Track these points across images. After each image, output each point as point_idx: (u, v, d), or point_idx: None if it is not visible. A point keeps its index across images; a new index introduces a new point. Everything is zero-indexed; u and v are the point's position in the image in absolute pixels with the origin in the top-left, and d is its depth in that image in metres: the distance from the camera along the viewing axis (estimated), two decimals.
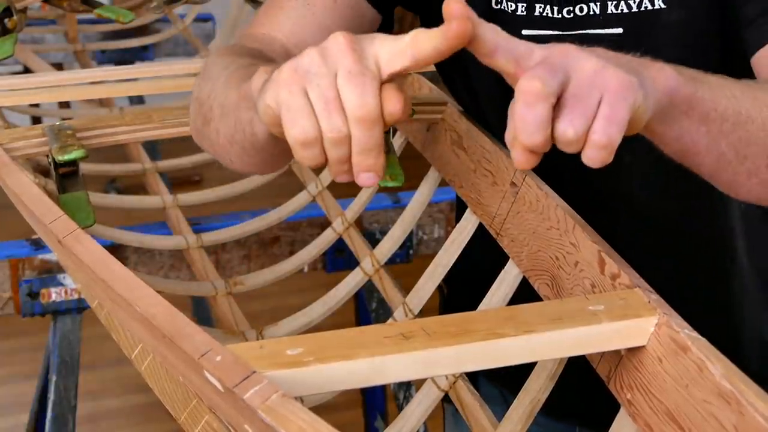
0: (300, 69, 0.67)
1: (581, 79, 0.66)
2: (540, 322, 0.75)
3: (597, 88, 0.65)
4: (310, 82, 0.67)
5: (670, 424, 0.73)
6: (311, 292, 1.43)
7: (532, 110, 0.64)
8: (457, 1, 0.63)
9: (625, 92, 0.66)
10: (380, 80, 0.66)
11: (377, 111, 0.66)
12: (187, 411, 0.77)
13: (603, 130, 0.65)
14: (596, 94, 0.65)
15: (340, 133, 0.67)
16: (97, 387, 2.71)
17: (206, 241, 1.57)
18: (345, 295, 1.34)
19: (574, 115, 0.65)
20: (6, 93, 1.38)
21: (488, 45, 0.67)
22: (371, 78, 0.66)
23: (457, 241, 1.13)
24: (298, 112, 0.67)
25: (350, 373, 0.69)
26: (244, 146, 0.85)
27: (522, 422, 0.94)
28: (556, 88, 0.65)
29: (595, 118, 0.65)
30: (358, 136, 0.67)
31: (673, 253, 1.01)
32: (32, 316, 1.56)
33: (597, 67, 0.66)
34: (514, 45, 0.68)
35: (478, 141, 1.08)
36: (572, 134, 0.65)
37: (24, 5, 1.55)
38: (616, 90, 0.65)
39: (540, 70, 0.65)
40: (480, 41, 0.66)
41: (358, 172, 0.68)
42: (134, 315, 0.72)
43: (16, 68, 2.95)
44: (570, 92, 0.65)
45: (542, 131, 0.65)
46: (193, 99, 0.93)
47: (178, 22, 2.88)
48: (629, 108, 0.66)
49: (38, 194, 0.92)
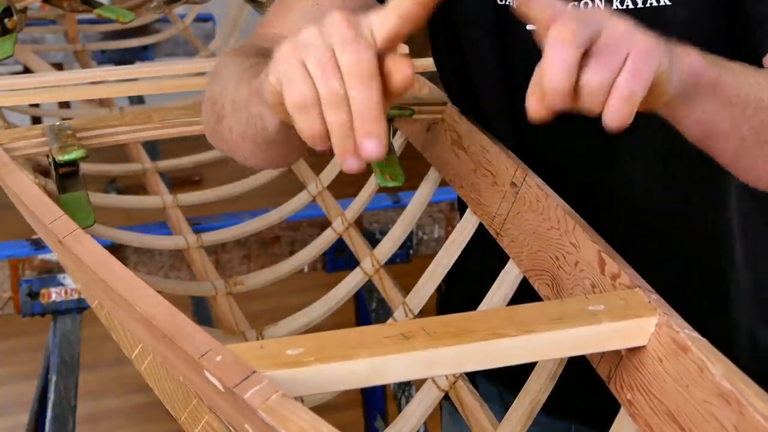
0: (299, 44, 0.69)
1: (611, 35, 0.67)
2: (540, 322, 0.75)
3: (625, 45, 0.67)
4: (308, 53, 0.68)
5: (671, 424, 0.73)
6: (311, 292, 1.43)
7: (561, 54, 0.65)
8: None
9: (651, 53, 0.68)
10: (375, 46, 0.67)
11: (373, 68, 0.67)
12: (187, 411, 0.77)
13: (627, 83, 0.67)
14: (623, 50, 0.67)
15: (338, 94, 0.67)
16: (97, 387, 2.71)
17: (206, 241, 1.57)
18: (345, 295, 1.34)
19: (600, 66, 0.66)
20: (6, 93, 1.38)
21: None
22: (366, 43, 0.67)
23: (457, 241, 1.13)
24: (296, 78, 0.68)
25: (350, 373, 0.69)
26: (256, 141, 0.86)
27: (522, 422, 0.94)
28: (586, 38, 0.66)
29: (620, 71, 0.67)
30: (356, 96, 0.67)
31: (672, 254, 1.01)
32: (32, 316, 1.56)
33: (627, 27, 0.68)
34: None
35: (478, 141, 1.08)
36: (597, 82, 0.66)
37: (24, 5, 1.55)
38: (642, 49, 0.67)
39: (572, 20, 0.66)
40: None
41: (361, 139, 0.67)
42: (134, 315, 0.72)
43: (16, 68, 2.95)
44: (599, 45, 0.67)
45: (568, 76, 0.66)
46: (206, 99, 0.94)
47: (178, 22, 2.88)
48: (654, 68, 0.68)
49: (38, 194, 0.92)
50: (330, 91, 0.67)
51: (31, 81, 1.45)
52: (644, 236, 1.00)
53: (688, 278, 1.02)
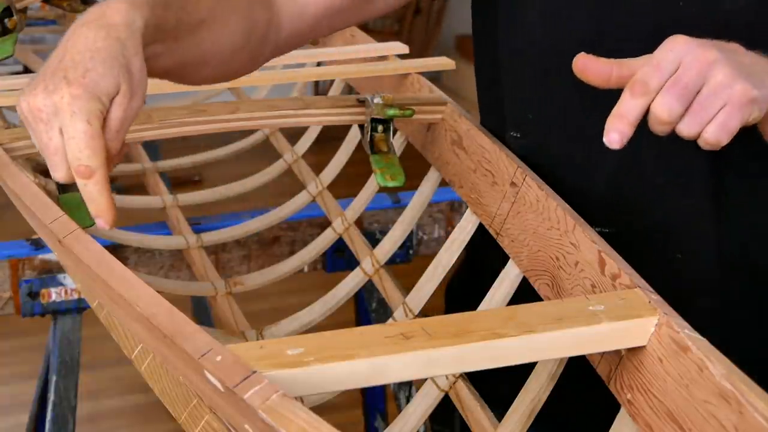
0: (40, 108, 0.77)
1: (712, 87, 0.76)
2: (540, 322, 0.75)
3: (722, 98, 0.76)
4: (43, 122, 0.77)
5: (671, 424, 0.73)
6: (311, 292, 1.43)
7: (668, 105, 0.76)
8: None
9: (744, 107, 0.76)
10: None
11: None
12: (187, 411, 0.77)
13: (714, 134, 0.76)
14: (720, 103, 0.76)
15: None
16: (97, 387, 2.70)
17: (206, 241, 1.57)
18: (345, 295, 1.34)
19: (694, 121, 0.77)
20: (6, 93, 1.38)
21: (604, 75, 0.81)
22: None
23: (457, 241, 1.13)
24: (36, 133, 0.79)
25: (350, 373, 0.69)
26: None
27: (522, 422, 0.94)
28: (691, 92, 0.76)
29: (711, 121, 0.76)
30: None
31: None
32: (32, 316, 1.55)
33: (727, 80, 0.76)
34: (629, 63, 0.80)
35: (477, 141, 1.08)
36: (687, 134, 0.77)
37: (24, 5, 1.55)
38: (737, 103, 0.76)
39: (684, 74, 0.76)
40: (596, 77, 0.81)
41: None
42: (134, 315, 0.72)
43: (16, 68, 2.94)
44: (699, 99, 0.76)
45: (669, 127, 0.77)
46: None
47: None
48: (743, 120, 0.77)
49: (38, 194, 0.91)
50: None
51: None
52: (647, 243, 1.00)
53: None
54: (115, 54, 0.77)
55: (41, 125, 0.77)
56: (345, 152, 1.66)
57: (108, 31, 0.77)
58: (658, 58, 0.78)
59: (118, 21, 0.78)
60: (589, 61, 0.81)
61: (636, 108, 0.77)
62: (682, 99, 0.76)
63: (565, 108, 0.98)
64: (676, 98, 0.76)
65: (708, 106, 0.76)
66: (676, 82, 0.76)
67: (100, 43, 0.77)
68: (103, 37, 0.77)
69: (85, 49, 0.77)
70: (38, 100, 0.76)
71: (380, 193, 1.48)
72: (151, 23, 0.81)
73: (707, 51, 0.77)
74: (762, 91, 0.77)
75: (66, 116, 0.75)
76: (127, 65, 0.77)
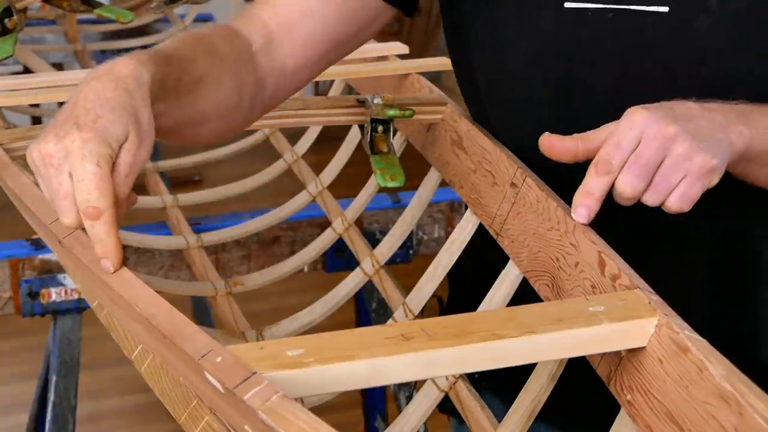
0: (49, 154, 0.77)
1: (672, 160, 0.80)
2: (540, 323, 0.75)
3: (683, 170, 0.81)
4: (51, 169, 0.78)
5: (671, 425, 0.73)
6: (311, 292, 1.43)
7: (631, 184, 0.81)
8: None
9: (704, 177, 0.81)
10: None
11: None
12: (187, 411, 0.77)
13: (676, 203, 0.82)
14: (680, 175, 0.81)
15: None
16: (97, 387, 2.71)
17: (206, 241, 1.57)
18: (345, 295, 1.34)
19: (657, 193, 0.82)
20: (6, 93, 1.38)
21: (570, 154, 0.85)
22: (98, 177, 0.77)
23: (457, 241, 1.13)
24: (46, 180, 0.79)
25: (350, 374, 0.69)
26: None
27: (522, 423, 0.94)
28: (652, 168, 0.81)
29: (674, 191, 0.81)
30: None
31: (705, 275, 1.00)
32: (32, 316, 1.56)
33: (687, 153, 0.80)
34: (592, 137, 0.84)
35: (478, 141, 1.08)
36: (651, 204, 0.82)
37: (24, 5, 1.55)
38: (697, 174, 0.81)
39: (647, 150, 0.81)
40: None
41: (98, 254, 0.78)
42: (134, 315, 0.72)
43: (16, 68, 2.94)
44: (661, 171, 0.81)
45: (632, 201, 0.82)
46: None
47: (178, 22, 2.88)
48: (703, 188, 0.82)
49: (38, 194, 0.91)
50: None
51: (31, 81, 1.44)
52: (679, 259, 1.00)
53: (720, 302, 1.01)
54: (124, 104, 0.79)
55: (51, 170, 0.77)
56: (345, 152, 1.66)
57: (117, 83, 0.80)
58: (619, 136, 0.81)
59: (126, 74, 0.81)
60: (555, 141, 0.86)
61: (601, 185, 0.82)
62: (644, 176, 0.81)
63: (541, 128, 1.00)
64: (637, 176, 0.81)
65: (669, 177, 0.81)
66: (637, 159, 0.81)
67: (110, 93, 0.79)
68: (112, 88, 0.79)
69: (95, 98, 0.79)
70: (49, 146, 0.77)
71: (380, 193, 1.48)
72: (156, 78, 0.83)
73: (667, 126, 0.81)
74: (720, 158, 0.82)
75: (76, 159, 0.76)
76: (135, 115, 0.79)
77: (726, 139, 0.83)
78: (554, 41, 0.96)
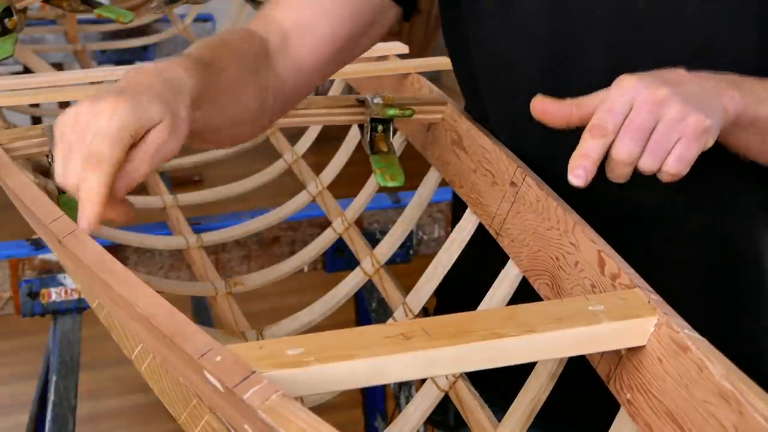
0: (68, 129, 0.78)
1: (666, 123, 0.80)
2: (540, 322, 0.75)
3: (677, 132, 0.80)
4: (66, 142, 0.79)
5: (670, 424, 0.73)
6: (311, 292, 1.43)
7: (626, 149, 0.80)
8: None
9: (699, 138, 0.80)
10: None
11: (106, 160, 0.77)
12: (187, 411, 0.77)
13: (674, 166, 0.81)
14: (675, 137, 0.80)
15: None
16: (97, 387, 2.70)
17: (206, 241, 1.57)
18: (345, 295, 1.34)
19: (653, 157, 0.80)
20: (6, 93, 1.38)
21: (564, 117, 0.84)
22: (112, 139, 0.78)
23: (457, 241, 1.13)
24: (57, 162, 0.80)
25: (350, 373, 0.69)
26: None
27: (522, 422, 0.94)
28: (646, 133, 0.80)
29: (670, 153, 0.80)
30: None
31: (702, 269, 1.01)
32: (32, 316, 1.56)
33: (680, 114, 0.79)
34: (585, 102, 0.83)
35: (478, 141, 1.08)
36: (648, 170, 0.81)
37: (24, 5, 1.55)
38: (692, 135, 0.80)
39: (639, 115, 0.80)
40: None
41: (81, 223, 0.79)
42: (134, 315, 0.72)
43: (16, 68, 2.94)
44: (654, 137, 0.80)
45: (629, 169, 0.82)
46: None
47: (178, 22, 2.88)
48: (700, 149, 0.81)
49: (38, 194, 0.91)
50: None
51: (31, 81, 1.45)
52: (674, 251, 1.00)
53: (716, 295, 1.01)
54: (166, 97, 0.80)
55: (78, 129, 0.78)
56: (345, 152, 1.66)
57: (164, 82, 0.82)
58: (611, 101, 0.81)
59: (172, 77, 0.83)
60: (548, 104, 0.84)
61: (597, 147, 0.81)
62: (639, 140, 0.80)
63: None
64: (632, 141, 0.80)
65: (664, 141, 0.80)
66: (630, 124, 0.80)
67: (156, 85, 0.81)
68: (159, 82, 0.81)
69: (137, 83, 0.80)
70: (83, 107, 0.78)
71: (380, 193, 1.48)
72: (198, 87, 0.85)
73: (657, 90, 0.80)
74: (713, 119, 0.81)
75: (103, 118, 0.76)
76: (173, 110, 0.80)
77: (718, 104, 0.83)
78: (542, 28, 0.96)
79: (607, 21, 0.94)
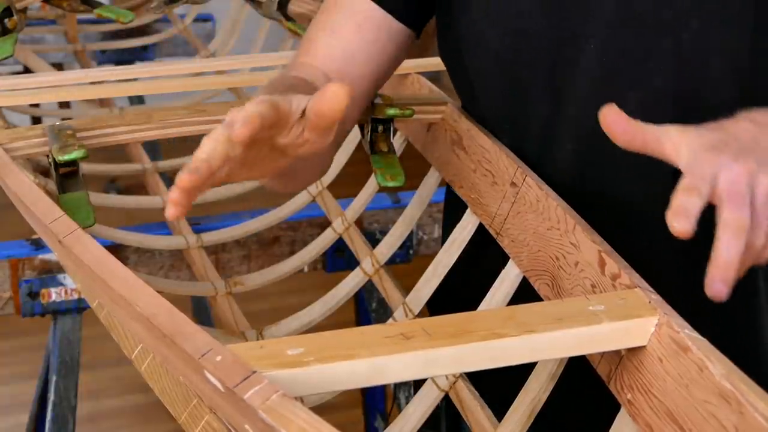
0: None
1: (761, 198, 0.73)
2: (540, 322, 0.75)
3: None
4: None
5: (671, 425, 0.73)
6: (311, 292, 1.43)
7: (735, 246, 0.72)
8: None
9: None
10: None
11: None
12: (187, 411, 0.77)
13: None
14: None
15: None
16: (97, 387, 2.70)
17: (206, 241, 1.57)
18: (345, 295, 1.34)
19: (761, 232, 0.73)
20: (6, 93, 1.38)
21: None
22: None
23: (457, 241, 1.13)
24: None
25: (351, 373, 0.69)
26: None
27: (522, 422, 0.94)
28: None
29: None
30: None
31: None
32: (32, 316, 1.55)
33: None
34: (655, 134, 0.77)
35: (478, 141, 1.08)
36: (759, 245, 0.73)
37: (24, 5, 1.55)
38: None
39: (735, 202, 0.73)
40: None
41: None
42: (134, 315, 0.72)
43: (16, 68, 2.94)
44: (758, 210, 0.73)
45: (737, 263, 0.72)
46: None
47: (178, 22, 2.88)
48: None
49: (38, 194, 0.92)
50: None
51: (31, 81, 1.44)
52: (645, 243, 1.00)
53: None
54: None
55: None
56: (345, 152, 1.66)
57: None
58: (699, 172, 0.74)
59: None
60: (619, 119, 0.77)
61: (696, 205, 0.73)
62: (746, 208, 0.73)
63: (532, 116, 1.00)
64: (740, 208, 0.73)
65: (761, 222, 0.74)
66: (732, 195, 0.73)
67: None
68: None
69: None
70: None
71: (380, 193, 1.48)
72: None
73: (745, 164, 0.75)
74: None
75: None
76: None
77: None
78: (537, 28, 0.96)
79: (603, 21, 0.93)
